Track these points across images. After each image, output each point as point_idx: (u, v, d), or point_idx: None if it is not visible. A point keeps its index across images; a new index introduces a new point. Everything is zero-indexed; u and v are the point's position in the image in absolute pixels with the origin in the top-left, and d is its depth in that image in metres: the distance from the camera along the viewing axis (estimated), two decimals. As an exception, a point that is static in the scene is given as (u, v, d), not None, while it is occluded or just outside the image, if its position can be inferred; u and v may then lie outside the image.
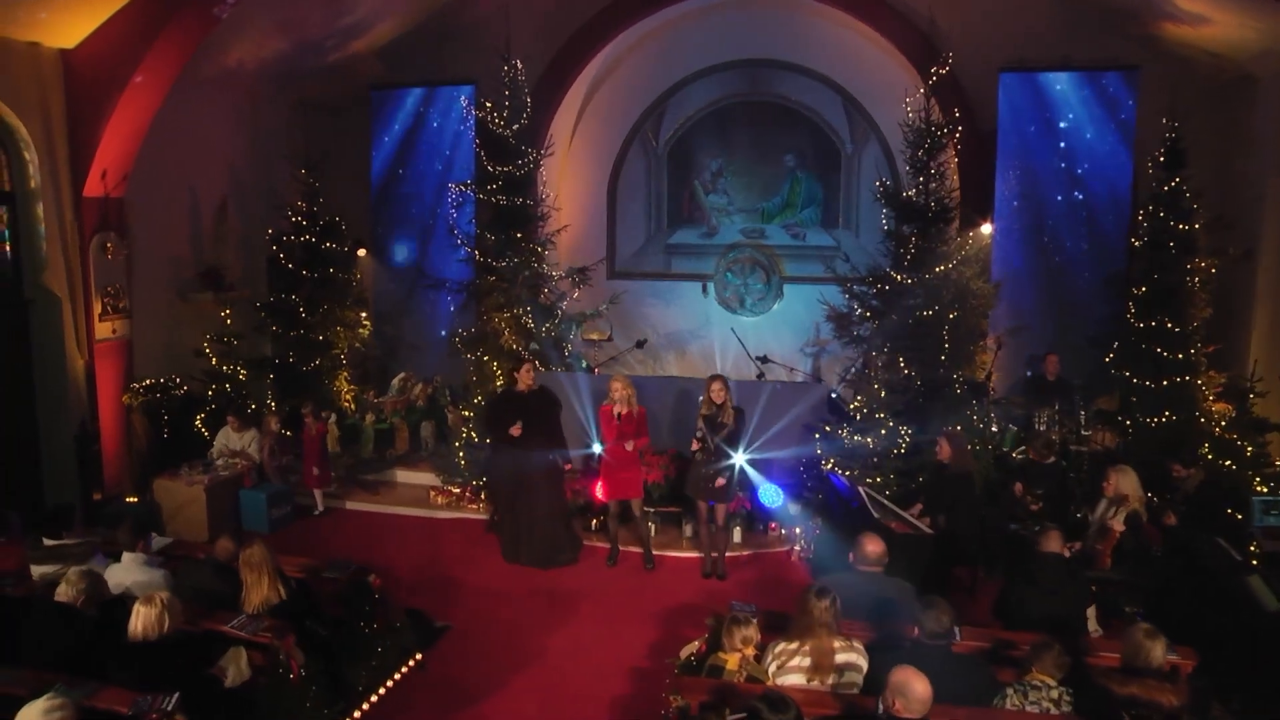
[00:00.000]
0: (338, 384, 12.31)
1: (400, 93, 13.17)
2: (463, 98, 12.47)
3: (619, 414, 8.83)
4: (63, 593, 5.56)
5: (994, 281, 11.00)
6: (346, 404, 12.27)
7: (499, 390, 9.83)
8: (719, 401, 8.66)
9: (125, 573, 6.40)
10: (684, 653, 6.32)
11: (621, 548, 9.48)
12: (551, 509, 9.23)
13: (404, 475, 11.44)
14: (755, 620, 5.64)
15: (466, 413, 10.83)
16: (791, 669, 5.40)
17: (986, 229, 11.25)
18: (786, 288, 13.93)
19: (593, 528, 9.93)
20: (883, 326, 10.12)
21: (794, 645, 5.43)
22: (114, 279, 10.49)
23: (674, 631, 7.84)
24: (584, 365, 12.12)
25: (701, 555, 9.21)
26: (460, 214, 11.77)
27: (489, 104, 11.15)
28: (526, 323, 11.08)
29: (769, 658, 5.50)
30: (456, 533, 10.18)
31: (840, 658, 5.38)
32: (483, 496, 10.52)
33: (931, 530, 8.25)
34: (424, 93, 13.08)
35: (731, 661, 5.52)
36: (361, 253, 13.20)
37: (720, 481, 8.61)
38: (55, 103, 9.87)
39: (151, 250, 11.16)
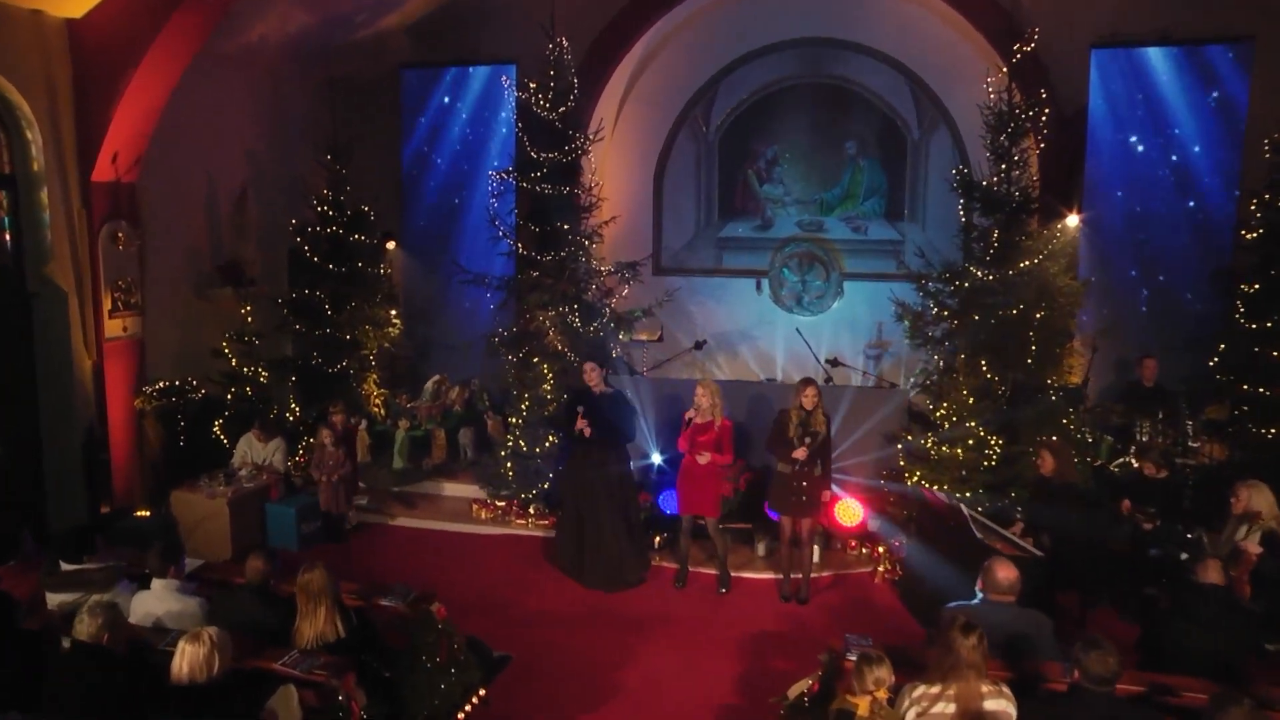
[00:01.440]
0: (366, 387, 11.84)
1: (434, 72, 12.72)
2: (504, 78, 11.99)
3: (688, 418, 8.41)
4: (81, 630, 4.94)
5: (1082, 278, 10.46)
6: (376, 409, 11.78)
7: (572, 390, 9.39)
8: (810, 408, 8.20)
9: (156, 601, 5.82)
10: (793, 692, 5.84)
11: (691, 568, 8.98)
12: (619, 524, 8.75)
13: (442, 487, 10.99)
14: (888, 660, 5.05)
15: (513, 419, 10.32)
16: (934, 716, 4.83)
17: (1073, 220, 10.67)
18: (847, 285, 13.45)
19: (655, 545, 9.42)
20: (961, 327, 9.66)
21: (936, 689, 4.86)
22: (125, 272, 10.04)
23: (761, 664, 7.37)
24: (630, 370, 11.60)
25: (779, 576, 8.77)
26: (500, 204, 11.18)
27: (533, 84, 10.64)
28: (573, 321, 10.62)
29: (905, 702, 4.94)
30: (505, 550, 9.66)
31: (989, 704, 4.80)
32: (531, 510, 10.06)
33: (1040, 552, 7.66)
34: (460, 73, 12.63)
35: (863, 706, 4.95)
36: (391, 245, 12.72)
37: (828, 494, 8.28)
38: (61, 77, 9.37)
39: (166, 241, 10.69)
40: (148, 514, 9.81)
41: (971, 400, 9.25)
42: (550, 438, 10.01)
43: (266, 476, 9.80)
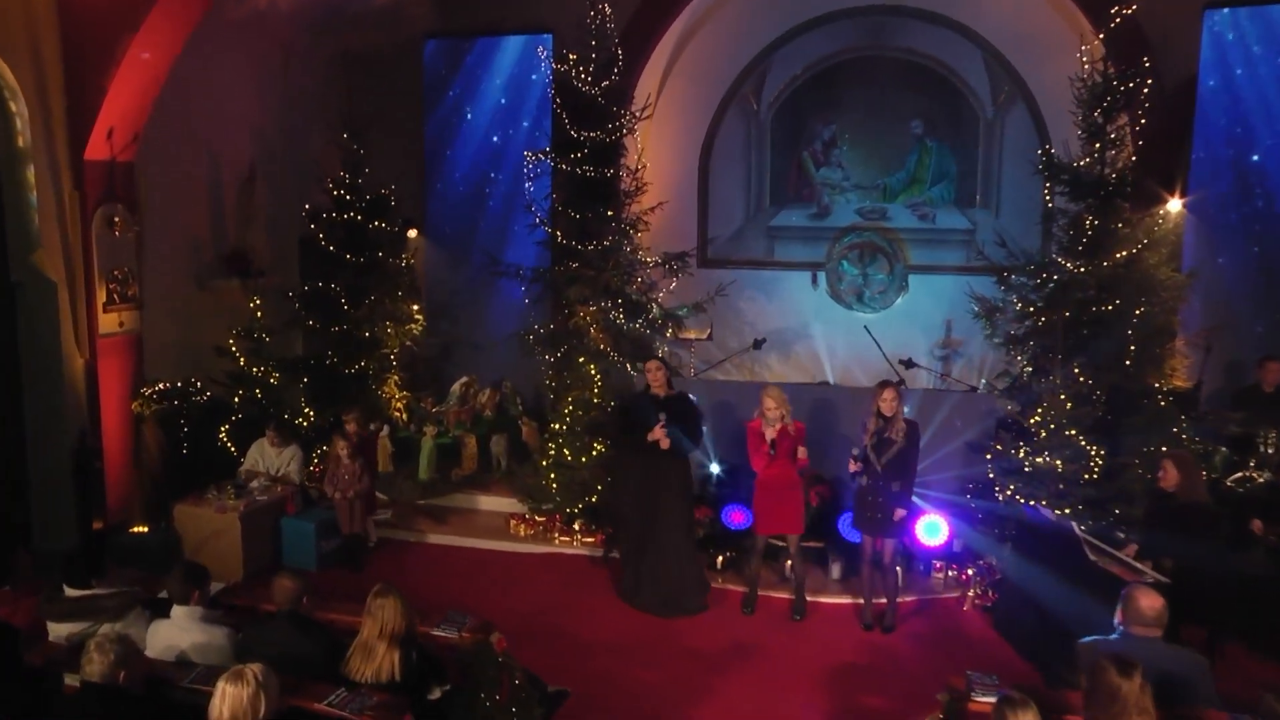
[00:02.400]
0: (387, 390, 11.53)
1: (460, 43, 12.42)
2: (539, 49, 11.74)
3: (771, 439, 8.06)
4: (92, 670, 4.54)
5: (1186, 270, 10.05)
6: (397, 414, 11.47)
7: (628, 393, 9.09)
8: (889, 414, 7.87)
9: (178, 632, 5.41)
10: (911, 736, 5.40)
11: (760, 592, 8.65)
12: (681, 544, 8.42)
13: (475, 500, 10.74)
14: (1034, 704, 4.61)
15: (555, 425, 9.98)
16: (1100, 771, 4.40)
17: (1174, 205, 10.27)
18: (912, 279, 13.13)
19: (718, 565, 9.07)
20: (1047, 325, 9.37)
21: (1098, 740, 4.42)
22: (122, 261, 9.76)
23: (851, 701, 7.04)
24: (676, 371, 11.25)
25: (858, 601, 8.46)
26: (535, 188, 10.99)
27: (572, 56, 10.41)
28: (616, 318, 10.39)
29: (1059, 754, 4.50)
30: (549, 571, 9.31)
31: (1160, 758, 4.37)
32: (575, 526, 9.77)
33: (1164, 578, 7.22)
34: (489, 44, 12.33)
35: (1007, 756, 4.51)
36: (412, 234, 12.45)
37: (900, 512, 7.93)
38: (49, 44, 9.07)
39: (166, 227, 10.47)
40: (146, 530, 9.50)
41: (1070, 405, 8.83)
42: (597, 446, 9.65)
43: (281, 488, 9.45)
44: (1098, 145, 9.28)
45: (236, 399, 10.45)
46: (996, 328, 9.78)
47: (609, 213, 10.42)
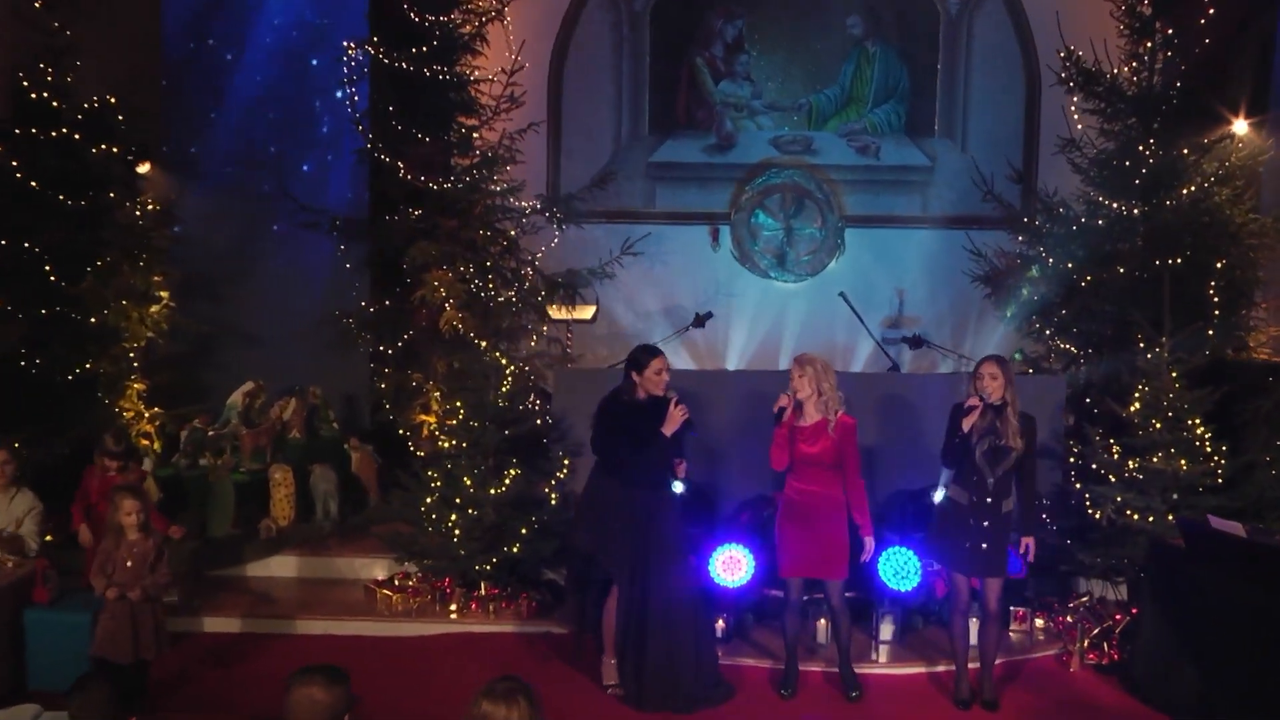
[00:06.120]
0: (127, 405, 10.43)
1: None
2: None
3: (780, 408, 7.39)
4: None
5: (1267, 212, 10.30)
6: (146, 442, 10.36)
7: (609, 401, 8.20)
8: (996, 400, 7.24)
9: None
10: None
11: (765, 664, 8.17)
12: (698, 609, 7.68)
13: (306, 564, 9.73)
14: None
15: (445, 442, 9.08)
16: None
17: (1241, 126, 10.38)
18: (850, 235, 13.11)
19: (717, 633, 8.41)
20: (1097, 284, 9.72)
21: None
22: None
23: None
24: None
25: (943, 668, 8.03)
26: (357, 98, 10.54)
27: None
28: (483, 290, 10.12)
29: None
30: (463, 661, 8.17)
31: None
32: (482, 591, 8.88)
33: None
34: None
35: None
36: (144, 168, 11.25)
37: (1028, 544, 7.47)
38: None
39: None
40: None
41: (1179, 386, 8.66)
42: (511, 471, 8.89)
43: (16, 563, 7.90)
44: (1148, 45, 9.51)
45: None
46: (1009, 295, 10.05)
47: (476, 136, 10.33)
